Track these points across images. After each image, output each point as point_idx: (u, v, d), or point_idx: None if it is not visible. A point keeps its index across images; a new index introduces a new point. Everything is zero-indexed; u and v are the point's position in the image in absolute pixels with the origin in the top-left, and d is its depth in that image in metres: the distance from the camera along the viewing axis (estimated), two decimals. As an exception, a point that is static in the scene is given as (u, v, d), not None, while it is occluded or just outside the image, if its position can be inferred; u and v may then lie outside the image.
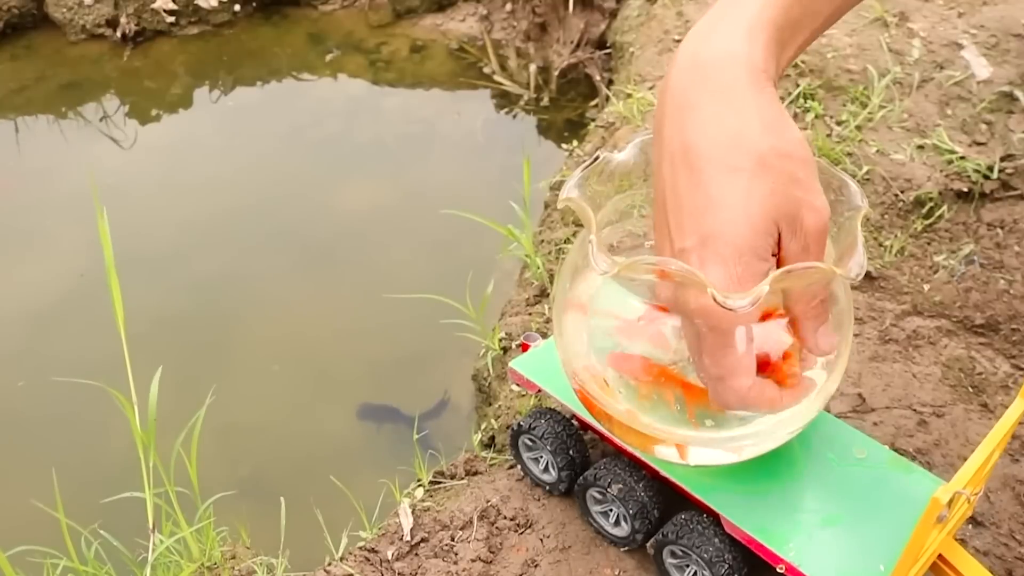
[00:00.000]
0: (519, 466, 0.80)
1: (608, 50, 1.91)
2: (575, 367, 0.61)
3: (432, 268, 1.50)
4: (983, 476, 0.59)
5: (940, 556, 0.62)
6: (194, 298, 1.48)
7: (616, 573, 0.72)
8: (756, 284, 0.44)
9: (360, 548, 0.79)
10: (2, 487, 1.20)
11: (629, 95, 1.38)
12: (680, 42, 0.49)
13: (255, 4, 2.27)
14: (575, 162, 1.38)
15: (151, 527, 0.83)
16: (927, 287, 1.04)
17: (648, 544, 0.69)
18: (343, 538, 0.82)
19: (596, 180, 0.56)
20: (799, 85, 1.27)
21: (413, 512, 0.81)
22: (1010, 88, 1.22)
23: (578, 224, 1.21)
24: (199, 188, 1.75)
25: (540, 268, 1.16)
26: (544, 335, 0.89)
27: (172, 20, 2.19)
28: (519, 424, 0.77)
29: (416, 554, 0.77)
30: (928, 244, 1.10)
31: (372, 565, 0.77)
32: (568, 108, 1.92)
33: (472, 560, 0.75)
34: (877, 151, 1.16)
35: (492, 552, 0.76)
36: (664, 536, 0.66)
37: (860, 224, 0.49)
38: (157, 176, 1.81)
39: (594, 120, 1.52)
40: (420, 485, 0.87)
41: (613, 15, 1.93)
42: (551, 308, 1.02)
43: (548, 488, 0.78)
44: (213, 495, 0.87)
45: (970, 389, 0.89)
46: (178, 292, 1.49)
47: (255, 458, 1.22)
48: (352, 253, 1.57)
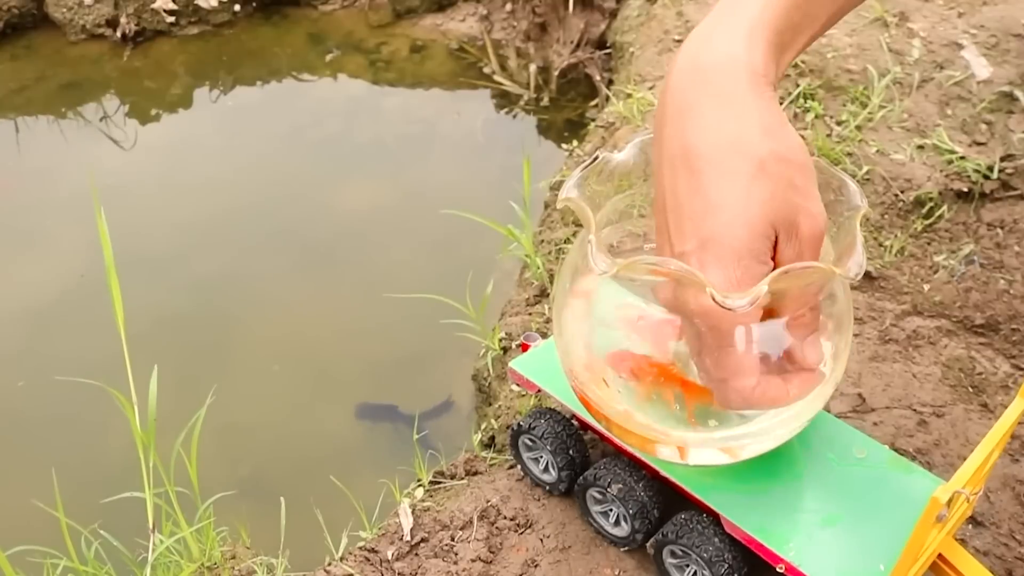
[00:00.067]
0: (519, 466, 0.80)
1: (608, 50, 1.91)
2: (574, 367, 0.61)
3: (432, 268, 1.50)
4: (983, 476, 0.59)
5: (940, 556, 0.62)
6: (194, 298, 1.48)
7: (616, 573, 0.72)
8: (755, 286, 0.44)
9: (360, 548, 0.79)
10: (2, 487, 1.20)
11: (629, 95, 1.38)
12: (680, 43, 0.49)
13: (255, 4, 2.27)
14: (575, 162, 1.38)
15: (151, 527, 0.83)
16: (927, 287, 1.04)
17: (648, 544, 0.69)
18: (343, 538, 0.82)
19: (595, 180, 0.56)
20: (799, 85, 1.27)
21: (413, 512, 0.81)
22: (1010, 88, 1.22)
23: (578, 224, 1.21)
24: (199, 188, 1.75)
25: (540, 268, 1.16)
26: (544, 335, 0.89)
27: (172, 20, 2.19)
28: (519, 424, 0.77)
29: (416, 554, 0.77)
30: (928, 244, 1.10)
31: (372, 565, 0.77)
32: (568, 108, 1.91)
33: (472, 560, 0.75)
34: (877, 151, 1.16)
35: (492, 552, 0.76)
36: (664, 536, 0.66)
37: (859, 224, 0.49)
38: (157, 176, 1.81)
39: (594, 120, 1.52)
40: (420, 485, 0.87)
41: (613, 15, 1.93)
42: (551, 308, 1.02)
43: (548, 488, 0.78)
44: (213, 495, 0.87)
45: (970, 389, 0.89)
46: (178, 292, 1.49)
47: (255, 458, 1.22)
48: (352, 253, 1.57)
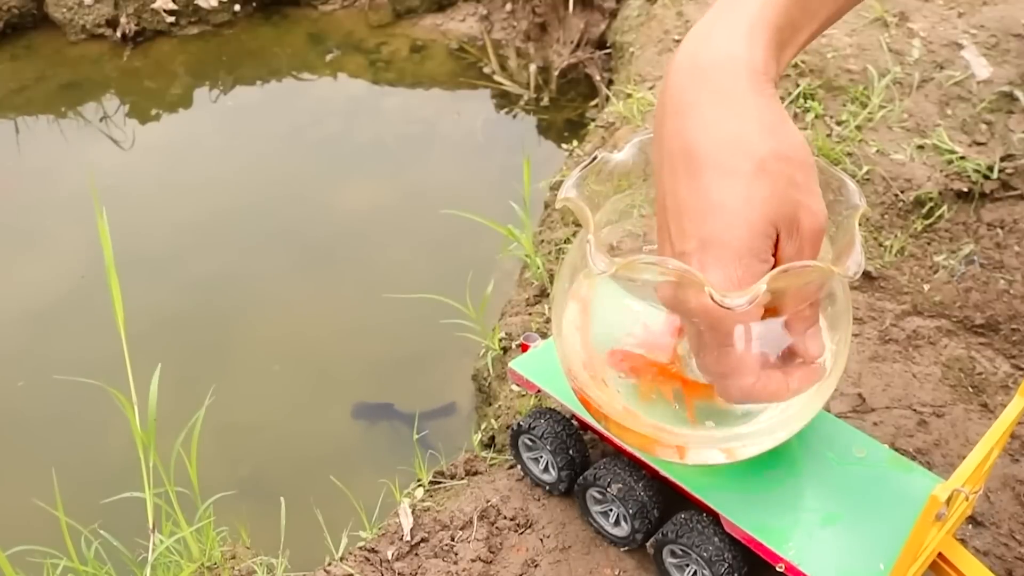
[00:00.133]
0: (519, 466, 0.80)
1: (608, 50, 1.91)
2: (574, 367, 0.61)
3: (432, 268, 1.50)
4: (982, 475, 0.59)
5: (940, 555, 0.62)
6: (194, 298, 1.48)
7: (616, 573, 0.72)
8: (754, 286, 0.44)
9: (360, 548, 0.79)
10: (2, 487, 1.20)
11: (629, 95, 1.38)
12: (680, 42, 0.48)
13: (255, 4, 2.27)
14: (575, 162, 1.38)
15: (151, 527, 0.83)
16: (927, 287, 1.04)
17: (648, 544, 0.69)
18: (343, 538, 0.82)
19: (594, 180, 0.56)
20: (799, 85, 1.27)
21: (413, 512, 0.81)
22: (1010, 88, 1.21)
23: (578, 224, 1.21)
24: (199, 188, 1.75)
25: (540, 268, 1.16)
26: (544, 335, 0.89)
27: (172, 20, 2.19)
28: (519, 424, 0.77)
29: (416, 554, 0.77)
30: (928, 244, 1.10)
31: (372, 565, 0.77)
32: (568, 108, 1.91)
33: (472, 560, 0.75)
34: (877, 151, 1.16)
35: (492, 552, 0.76)
36: (664, 535, 0.66)
37: (858, 223, 0.49)
38: (157, 176, 1.81)
39: (594, 120, 1.52)
40: (420, 485, 0.87)
41: (613, 15, 1.93)
42: (551, 308, 1.03)
43: (548, 488, 0.78)
44: (213, 495, 0.87)
45: (970, 389, 0.89)
46: (178, 292, 1.49)
47: (255, 458, 1.22)
48: (352, 253, 1.57)
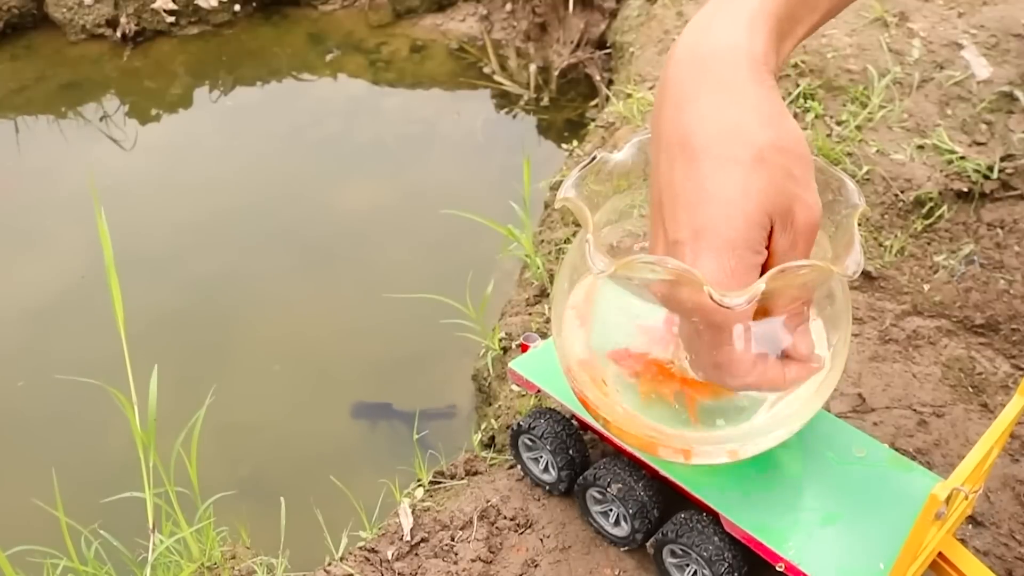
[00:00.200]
0: (519, 466, 0.80)
1: (608, 50, 1.91)
2: (574, 367, 0.61)
3: (432, 268, 1.50)
4: (982, 474, 0.59)
5: (940, 554, 0.62)
6: (194, 298, 1.48)
7: (616, 573, 0.72)
8: (749, 277, 0.44)
9: (360, 548, 0.79)
10: (2, 487, 1.20)
11: (629, 95, 1.38)
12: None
13: (255, 4, 2.27)
14: (575, 162, 1.38)
15: (151, 527, 0.83)
16: (927, 287, 1.04)
17: (648, 543, 0.69)
18: (343, 538, 0.82)
19: (594, 180, 0.56)
20: (799, 85, 1.27)
21: (413, 512, 0.81)
22: (1010, 88, 1.21)
23: (578, 224, 1.21)
24: (199, 188, 1.75)
25: (540, 268, 1.16)
26: (544, 335, 0.89)
27: (172, 20, 2.19)
28: (519, 424, 0.77)
29: (416, 554, 0.77)
30: (928, 244, 1.10)
31: (372, 565, 0.77)
32: (568, 108, 1.91)
33: (472, 560, 0.75)
34: (877, 151, 1.16)
35: (492, 552, 0.76)
36: (664, 535, 0.66)
37: (857, 222, 0.49)
38: (157, 176, 1.81)
39: (594, 120, 1.53)
40: (420, 485, 0.87)
41: (613, 15, 1.93)
42: (551, 308, 1.03)
43: (548, 488, 0.78)
44: (213, 495, 0.87)
45: (970, 389, 0.89)
46: (178, 292, 1.49)
47: (255, 458, 1.22)
48: (352, 253, 1.57)
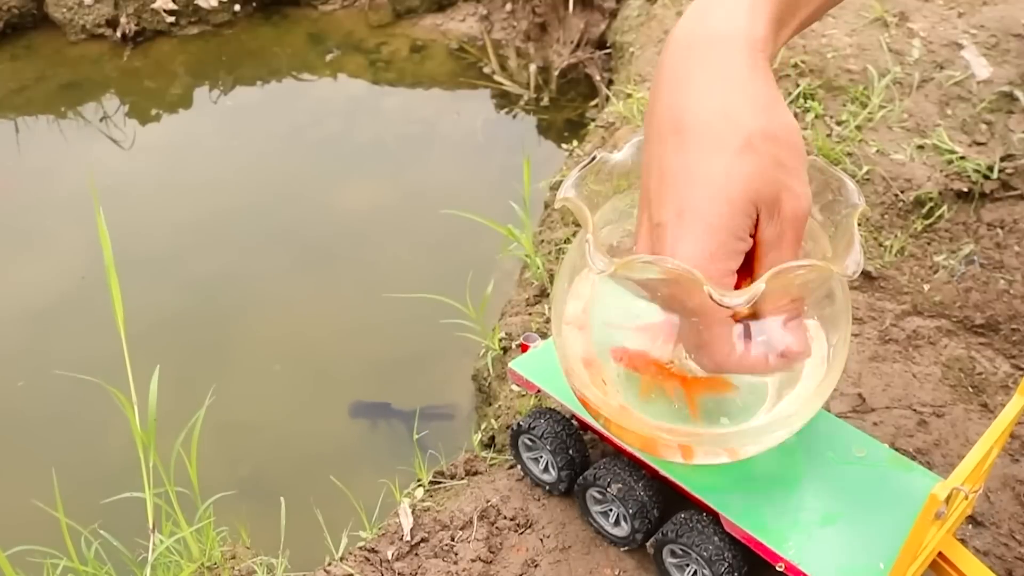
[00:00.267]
0: (519, 466, 0.80)
1: (608, 50, 1.91)
2: (574, 366, 0.61)
3: (432, 268, 1.50)
4: (982, 473, 0.59)
5: (940, 554, 0.62)
6: (194, 298, 1.48)
7: (616, 573, 0.72)
8: (730, 263, 0.44)
9: (360, 548, 0.79)
10: (2, 487, 1.20)
11: (629, 95, 1.38)
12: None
13: (255, 4, 2.27)
14: (575, 162, 1.38)
15: (151, 527, 0.83)
16: (927, 287, 1.04)
17: (648, 543, 0.69)
18: (343, 538, 0.82)
19: (594, 180, 0.56)
20: (799, 85, 1.26)
21: (413, 512, 0.81)
22: (1010, 88, 1.21)
23: (578, 224, 1.21)
24: (199, 188, 1.75)
25: (540, 268, 1.16)
26: (544, 335, 0.89)
27: (172, 20, 2.19)
28: (519, 424, 0.77)
29: (416, 554, 0.77)
30: (928, 244, 1.10)
31: (372, 565, 0.77)
32: (568, 108, 1.91)
33: (472, 560, 0.75)
34: (877, 151, 1.16)
35: (492, 552, 0.76)
36: (664, 535, 0.66)
37: (857, 222, 0.49)
38: (157, 176, 1.81)
39: (594, 120, 1.52)
40: (420, 485, 0.87)
41: (613, 15, 1.93)
42: (551, 308, 1.03)
43: (548, 488, 0.78)
44: (213, 495, 0.87)
45: (970, 389, 0.89)
46: (178, 292, 1.49)
47: (255, 458, 1.22)
48: (352, 253, 1.57)
